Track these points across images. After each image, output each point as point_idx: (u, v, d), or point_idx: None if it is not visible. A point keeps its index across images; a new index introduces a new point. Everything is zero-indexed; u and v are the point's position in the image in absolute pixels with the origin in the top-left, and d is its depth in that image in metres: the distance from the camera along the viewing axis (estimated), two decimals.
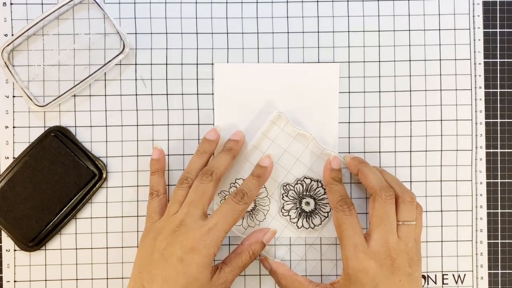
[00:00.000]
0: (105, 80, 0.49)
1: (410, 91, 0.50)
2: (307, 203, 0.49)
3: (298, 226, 0.49)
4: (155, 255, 0.42)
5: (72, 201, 0.48)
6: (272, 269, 0.47)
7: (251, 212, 0.49)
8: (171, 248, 0.41)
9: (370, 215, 0.45)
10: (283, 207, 0.49)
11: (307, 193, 0.49)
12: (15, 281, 0.49)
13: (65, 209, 0.48)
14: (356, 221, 0.44)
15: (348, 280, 0.43)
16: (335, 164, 0.47)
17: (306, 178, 0.49)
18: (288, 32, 0.50)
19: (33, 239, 0.48)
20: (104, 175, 0.48)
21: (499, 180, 0.50)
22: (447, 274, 0.50)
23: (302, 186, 0.49)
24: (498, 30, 0.50)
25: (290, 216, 0.49)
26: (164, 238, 0.42)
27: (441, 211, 0.50)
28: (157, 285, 0.41)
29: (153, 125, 0.49)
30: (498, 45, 0.50)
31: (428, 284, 0.50)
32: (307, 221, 0.49)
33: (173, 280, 0.41)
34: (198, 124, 0.49)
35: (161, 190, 0.47)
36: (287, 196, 0.49)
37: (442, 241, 0.50)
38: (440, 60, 0.50)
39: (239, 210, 0.43)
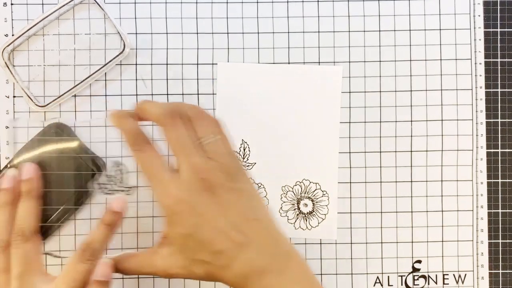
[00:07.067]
0: (105, 80, 0.49)
1: (411, 91, 0.50)
2: (305, 205, 0.49)
3: (295, 227, 0.49)
4: None
5: (71, 199, 0.48)
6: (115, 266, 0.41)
7: None
8: None
9: (168, 149, 0.41)
10: (281, 208, 0.49)
11: (305, 195, 0.49)
12: None
13: (63, 207, 0.48)
14: (156, 155, 0.39)
15: (170, 222, 0.38)
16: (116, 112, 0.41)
17: (305, 180, 0.49)
18: (288, 32, 0.50)
19: None
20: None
21: (499, 180, 0.50)
22: (447, 274, 0.50)
23: (301, 188, 0.49)
24: (498, 30, 0.50)
25: (288, 217, 0.49)
26: None
27: (442, 211, 0.50)
28: None
29: (153, 125, 0.49)
30: (499, 44, 0.50)
31: (429, 284, 0.50)
32: (304, 222, 0.49)
33: None
34: None
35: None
36: (285, 197, 0.49)
37: (442, 241, 0.50)
38: (440, 60, 0.50)
39: (84, 270, 0.38)
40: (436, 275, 0.50)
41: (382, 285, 0.50)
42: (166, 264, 0.39)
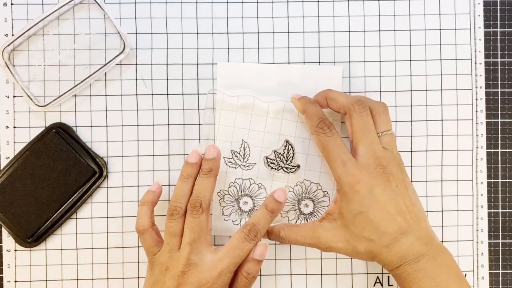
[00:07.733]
0: (105, 80, 0.49)
1: (411, 91, 0.50)
2: (306, 205, 0.49)
3: None
4: None
5: (72, 198, 0.48)
6: (268, 231, 0.46)
7: (249, 213, 0.49)
8: None
9: (349, 132, 0.44)
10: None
11: (306, 195, 0.49)
12: (15, 281, 0.49)
13: (64, 206, 0.48)
14: (339, 139, 0.43)
15: (346, 199, 0.42)
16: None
17: (306, 180, 0.49)
18: (288, 32, 0.50)
19: (31, 235, 0.48)
20: (104, 173, 0.49)
21: (499, 180, 0.50)
22: None
23: (302, 188, 0.49)
24: (498, 29, 0.50)
25: (288, 217, 0.49)
26: (173, 277, 0.41)
27: (442, 211, 0.50)
28: None
29: (153, 125, 0.49)
30: (499, 44, 0.50)
31: None
32: (305, 223, 0.49)
33: None
34: (199, 124, 0.49)
35: (148, 224, 0.44)
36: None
37: (443, 241, 0.50)
38: (440, 60, 0.50)
39: (248, 249, 0.43)
40: None
41: (382, 285, 0.50)
42: (330, 237, 0.43)
